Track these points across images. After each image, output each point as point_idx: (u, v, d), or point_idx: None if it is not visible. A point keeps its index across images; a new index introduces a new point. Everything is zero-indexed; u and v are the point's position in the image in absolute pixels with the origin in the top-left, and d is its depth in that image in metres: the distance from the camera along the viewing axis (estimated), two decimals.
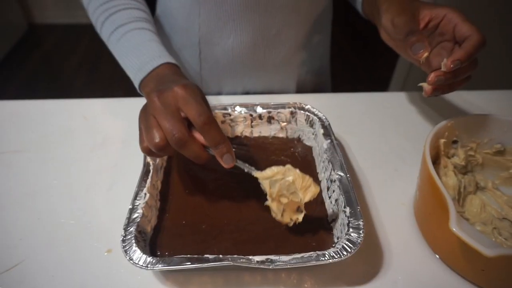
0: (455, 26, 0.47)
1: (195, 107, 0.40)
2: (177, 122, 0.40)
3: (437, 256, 0.46)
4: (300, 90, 0.79)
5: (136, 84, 0.53)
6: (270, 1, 0.64)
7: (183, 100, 0.41)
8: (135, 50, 0.53)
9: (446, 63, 0.45)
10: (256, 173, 0.45)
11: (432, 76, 0.46)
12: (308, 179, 0.43)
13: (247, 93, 0.76)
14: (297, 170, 0.43)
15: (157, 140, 0.40)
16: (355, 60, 2.48)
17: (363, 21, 0.71)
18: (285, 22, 0.67)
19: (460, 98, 0.72)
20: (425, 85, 0.48)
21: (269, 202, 0.44)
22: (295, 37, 0.70)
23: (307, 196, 0.43)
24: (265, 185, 0.44)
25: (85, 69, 2.38)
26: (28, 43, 2.65)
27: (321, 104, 0.61)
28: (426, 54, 0.45)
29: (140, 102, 0.47)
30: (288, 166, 0.44)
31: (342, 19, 2.78)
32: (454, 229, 0.36)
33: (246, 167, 0.45)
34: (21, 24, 2.70)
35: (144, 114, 0.44)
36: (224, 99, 0.71)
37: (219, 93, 0.76)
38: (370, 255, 0.46)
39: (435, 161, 0.51)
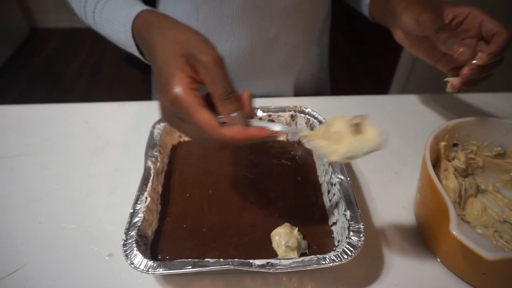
0: (481, 23, 0.49)
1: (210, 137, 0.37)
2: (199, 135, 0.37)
3: (438, 259, 0.45)
4: (299, 93, 0.79)
5: (132, 45, 0.50)
6: (268, 6, 0.64)
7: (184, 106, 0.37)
8: (115, 14, 0.51)
9: (482, 57, 0.47)
10: (306, 132, 0.41)
11: (466, 70, 0.48)
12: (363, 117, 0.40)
13: None
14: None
15: (162, 112, 0.39)
16: (356, 62, 2.49)
17: (363, 23, 0.71)
18: (283, 27, 0.68)
19: (460, 100, 0.72)
20: (452, 79, 0.51)
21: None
22: (293, 42, 0.71)
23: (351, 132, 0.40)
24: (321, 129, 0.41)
25: (86, 73, 2.39)
26: (29, 47, 2.66)
27: (321, 107, 0.61)
28: (461, 49, 0.47)
29: (142, 106, 0.47)
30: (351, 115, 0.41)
31: (342, 21, 2.79)
32: (454, 233, 0.36)
33: (283, 128, 0.39)
34: (23, 28, 2.72)
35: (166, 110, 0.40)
36: None
37: None
38: (371, 259, 0.46)
39: (436, 164, 0.51)
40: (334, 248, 0.43)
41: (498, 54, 0.47)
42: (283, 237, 0.44)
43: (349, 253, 0.39)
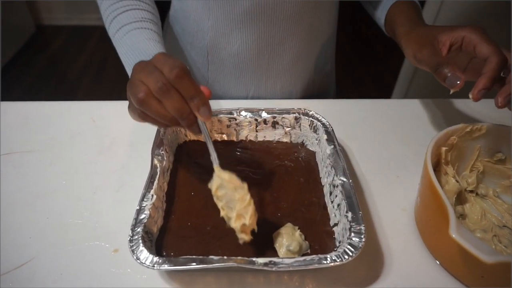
0: (474, 48, 0.47)
1: (170, 62, 0.40)
2: (159, 74, 0.40)
3: (437, 262, 0.46)
4: (304, 95, 0.80)
5: None
6: (274, 13, 0.66)
7: (159, 61, 0.41)
8: (134, 47, 0.55)
9: (473, 95, 0.45)
10: (216, 167, 0.44)
11: (475, 93, 0.45)
12: (249, 211, 0.42)
13: (251, 97, 0.77)
14: (248, 196, 0.42)
15: (140, 94, 0.40)
16: (360, 66, 2.49)
17: (367, 27, 0.72)
18: (288, 32, 0.69)
19: (462, 106, 0.73)
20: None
21: (214, 199, 0.44)
22: (298, 47, 0.72)
23: (236, 222, 0.42)
24: (215, 181, 0.44)
25: (92, 71, 2.41)
26: (35, 45, 2.68)
27: (325, 110, 0.62)
28: (462, 84, 0.46)
29: None
30: (246, 186, 0.42)
31: (346, 26, 2.79)
32: (453, 236, 0.37)
33: (213, 151, 0.45)
34: (28, 26, 2.74)
35: (128, 83, 0.43)
36: (230, 104, 0.72)
37: (224, 96, 0.78)
38: (371, 260, 0.46)
39: (436, 168, 0.52)
40: (335, 249, 0.44)
41: (490, 86, 0.44)
42: (285, 239, 0.45)
43: (350, 254, 0.40)
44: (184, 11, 0.72)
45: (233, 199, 0.42)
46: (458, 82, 0.46)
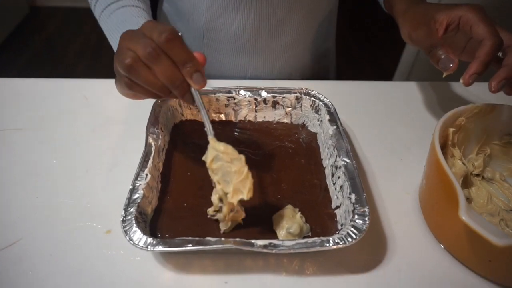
0: (471, 28, 0.45)
1: (159, 28, 0.37)
2: (148, 39, 0.37)
3: (442, 245, 0.45)
4: (304, 77, 0.78)
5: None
6: None
7: (148, 28, 0.38)
8: (121, 25, 0.52)
9: (464, 79, 0.43)
10: (211, 138, 0.42)
11: (466, 78, 0.44)
12: (247, 184, 0.39)
13: (249, 79, 0.75)
14: (246, 169, 0.39)
15: (128, 60, 0.37)
16: (359, 53, 2.46)
17: (367, 14, 0.70)
18: (287, 12, 0.67)
19: (467, 88, 0.70)
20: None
21: (209, 172, 0.42)
22: (298, 27, 0.70)
23: (234, 197, 0.40)
24: (210, 153, 0.41)
25: (87, 53, 2.36)
26: (29, 26, 2.62)
27: (326, 91, 0.60)
28: (455, 68, 0.44)
29: None
30: (243, 158, 0.40)
31: (346, 12, 2.75)
32: (463, 218, 0.35)
33: (207, 122, 0.42)
34: (22, 6, 2.67)
35: (116, 53, 0.40)
36: (229, 83, 0.69)
37: (220, 78, 0.75)
38: (374, 243, 0.45)
39: (442, 150, 0.50)
40: (337, 232, 0.43)
41: (482, 71, 0.42)
42: (286, 221, 0.43)
43: (354, 236, 0.38)
44: None
45: (229, 171, 0.40)
46: (451, 65, 0.44)
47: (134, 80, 0.38)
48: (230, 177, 0.40)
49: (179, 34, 0.37)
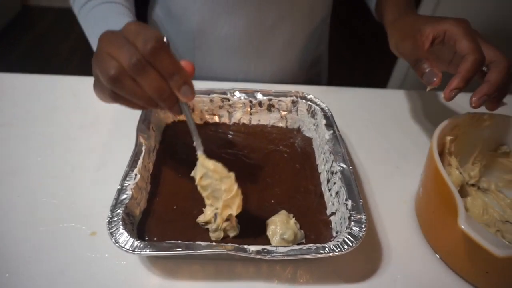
0: (455, 43, 0.45)
1: (143, 34, 0.33)
2: (132, 47, 0.33)
3: (438, 255, 0.44)
4: (295, 81, 0.77)
5: None
6: None
7: (131, 32, 0.34)
8: (102, 22, 0.50)
9: (445, 94, 0.43)
10: (200, 155, 0.40)
11: (475, 100, 0.43)
12: (237, 201, 0.39)
13: (240, 82, 0.74)
14: (235, 187, 0.39)
15: (111, 71, 0.33)
16: (352, 62, 2.48)
17: (361, 22, 0.70)
18: (280, 17, 0.66)
19: (463, 98, 0.70)
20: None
21: (198, 188, 0.41)
22: (289, 32, 0.69)
23: (223, 212, 0.39)
24: (199, 170, 0.40)
25: (78, 53, 2.32)
26: (20, 25, 2.57)
27: (322, 97, 0.59)
28: (438, 82, 0.44)
29: None
30: (233, 176, 0.39)
31: (340, 20, 2.77)
32: (463, 227, 0.34)
33: (196, 137, 0.40)
34: (14, 4, 2.62)
35: (95, 57, 0.37)
36: (224, 84, 0.68)
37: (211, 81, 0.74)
38: (369, 252, 0.44)
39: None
40: (332, 239, 0.41)
41: (463, 87, 0.42)
42: (279, 226, 0.41)
43: (350, 244, 0.37)
44: (169, 1, 0.67)
45: (218, 189, 0.39)
46: (435, 79, 0.44)
47: (119, 93, 0.35)
48: (219, 194, 0.39)
49: (165, 40, 0.35)
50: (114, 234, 0.36)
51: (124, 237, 0.36)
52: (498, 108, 0.46)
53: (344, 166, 0.45)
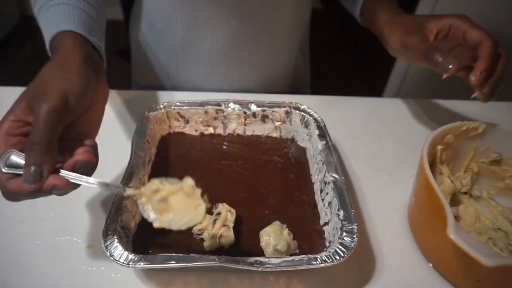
0: (464, 34, 0.48)
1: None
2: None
3: (431, 264, 0.44)
4: (280, 90, 0.77)
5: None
6: (246, 10, 0.63)
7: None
8: (46, 27, 0.48)
9: (476, 77, 0.45)
10: (132, 190, 0.37)
11: (477, 75, 0.45)
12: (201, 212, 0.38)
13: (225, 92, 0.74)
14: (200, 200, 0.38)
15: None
16: (349, 68, 2.49)
17: (357, 28, 0.70)
18: (261, 29, 0.67)
19: (457, 106, 0.71)
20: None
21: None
22: (272, 41, 0.70)
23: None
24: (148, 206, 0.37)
25: None
26: (19, 34, 2.59)
27: (316, 107, 0.60)
28: (455, 68, 0.45)
29: (131, 95, 0.45)
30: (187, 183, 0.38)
31: (336, 26, 2.79)
32: (452, 236, 0.35)
33: (113, 187, 0.38)
34: (13, 14, 2.65)
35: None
36: (218, 96, 0.69)
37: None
38: (362, 261, 0.44)
39: (430, 167, 0.50)
40: (325, 249, 0.42)
41: (489, 68, 0.45)
42: (273, 237, 0.42)
43: (342, 254, 0.38)
44: (151, 8, 0.68)
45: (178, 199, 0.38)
46: (451, 66, 0.45)
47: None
48: (181, 203, 0.38)
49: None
50: (109, 248, 0.37)
51: (118, 250, 0.37)
52: (490, 101, 0.47)
53: (337, 176, 0.46)
